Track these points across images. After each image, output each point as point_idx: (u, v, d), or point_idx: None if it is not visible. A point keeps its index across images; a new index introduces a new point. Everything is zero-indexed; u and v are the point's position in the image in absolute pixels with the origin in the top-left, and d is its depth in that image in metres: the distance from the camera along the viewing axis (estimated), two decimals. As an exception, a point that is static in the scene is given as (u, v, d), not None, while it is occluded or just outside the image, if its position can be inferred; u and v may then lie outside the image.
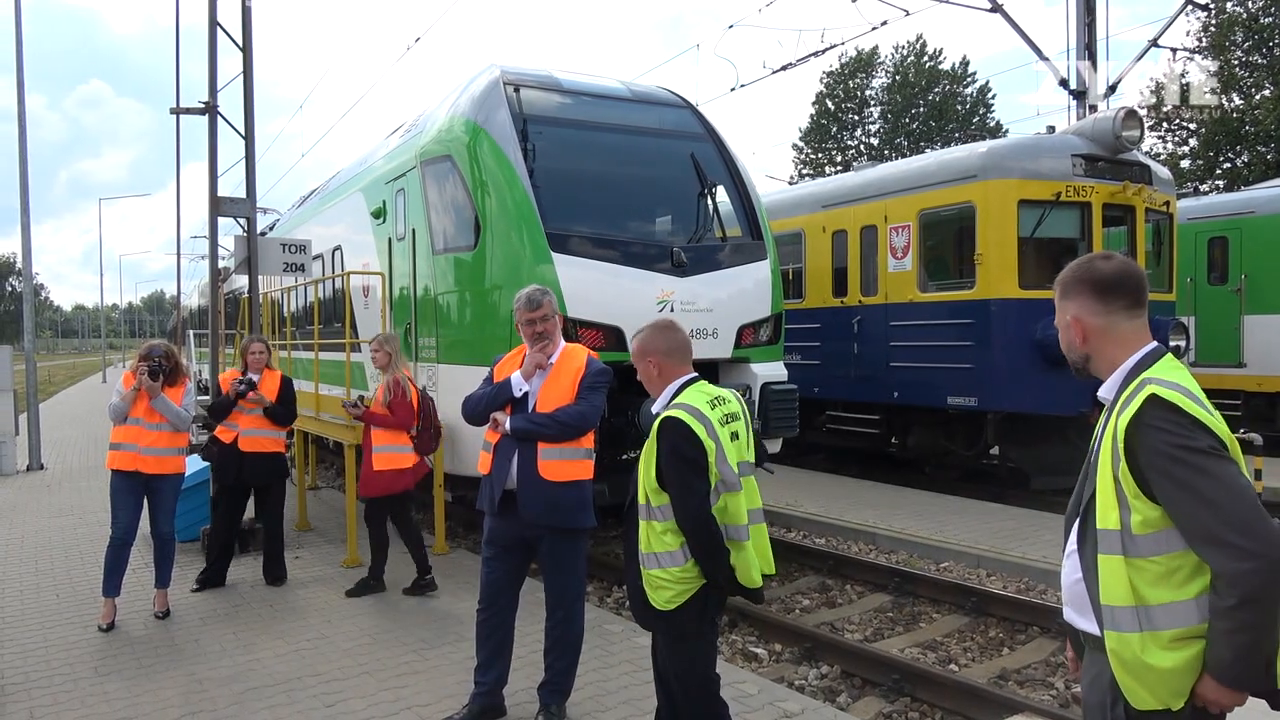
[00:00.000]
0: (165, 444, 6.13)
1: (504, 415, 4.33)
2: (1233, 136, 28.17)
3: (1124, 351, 2.23)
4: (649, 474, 3.24)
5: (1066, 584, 2.27)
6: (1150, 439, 2.01)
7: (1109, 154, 10.32)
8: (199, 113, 8.43)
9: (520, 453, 4.27)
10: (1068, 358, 2.36)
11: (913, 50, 43.17)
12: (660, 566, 3.23)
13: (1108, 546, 2.09)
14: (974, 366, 10.28)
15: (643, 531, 3.27)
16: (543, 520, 4.26)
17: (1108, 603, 2.08)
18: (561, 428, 4.25)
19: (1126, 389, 2.15)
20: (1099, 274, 2.27)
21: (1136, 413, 2.04)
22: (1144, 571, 2.04)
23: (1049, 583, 7.26)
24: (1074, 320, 2.28)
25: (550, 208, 7.72)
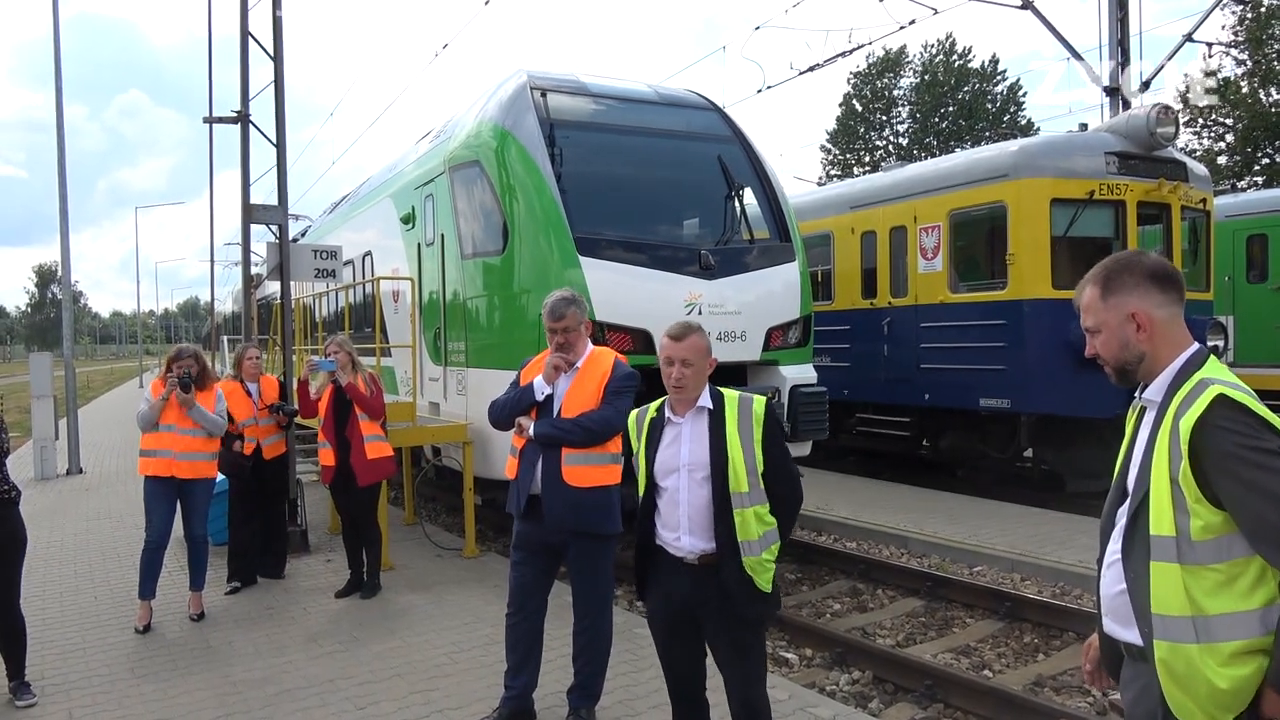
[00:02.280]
0: (199, 449, 6.21)
1: (529, 420, 4.34)
2: (1271, 131, 27.64)
3: (1174, 351, 2.15)
4: (755, 457, 3.26)
5: (1108, 595, 2.19)
6: (1219, 440, 1.93)
7: (1143, 151, 10.17)
8: (231, 121, 8.55)
9: (544, 458, 4.27)
10: (1115, 358, 2.20)
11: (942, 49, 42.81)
12: (766, 547, 3.29)
13: (1162, 553, 2.01)
14: (1006, 368, 10.15)
15: (744, 521, 3.25)
16: (567, 525, 4.25)
17: (1160, 612, 2.01)
18: (585, 433, 4.24)
19: (1180, 390, 2.07)
20: (1155, 265, 2.19)
21: (1204, 413, 1.95)
22: (1203, 579, 1.97)
23: (1085, 587, 7.15)
24: (1137, 314, 2.14)
25: (578, 212, 7.74)
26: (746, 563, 3.24)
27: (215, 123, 8.79)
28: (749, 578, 3.25)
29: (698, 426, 3.34)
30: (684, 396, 3.35)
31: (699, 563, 3.30)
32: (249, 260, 9.06)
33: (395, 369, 10.35)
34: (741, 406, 3.34)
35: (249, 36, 8.42)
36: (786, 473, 3.37)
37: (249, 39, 8.42)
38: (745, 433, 3.28)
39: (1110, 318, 2.18)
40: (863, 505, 9.92)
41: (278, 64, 8.52)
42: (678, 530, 3.33)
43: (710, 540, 3.28)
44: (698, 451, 3.30)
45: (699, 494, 3.29)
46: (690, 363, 3.30)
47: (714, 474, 3.25)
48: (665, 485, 3.37)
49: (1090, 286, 2.24)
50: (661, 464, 3.37)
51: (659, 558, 3.42)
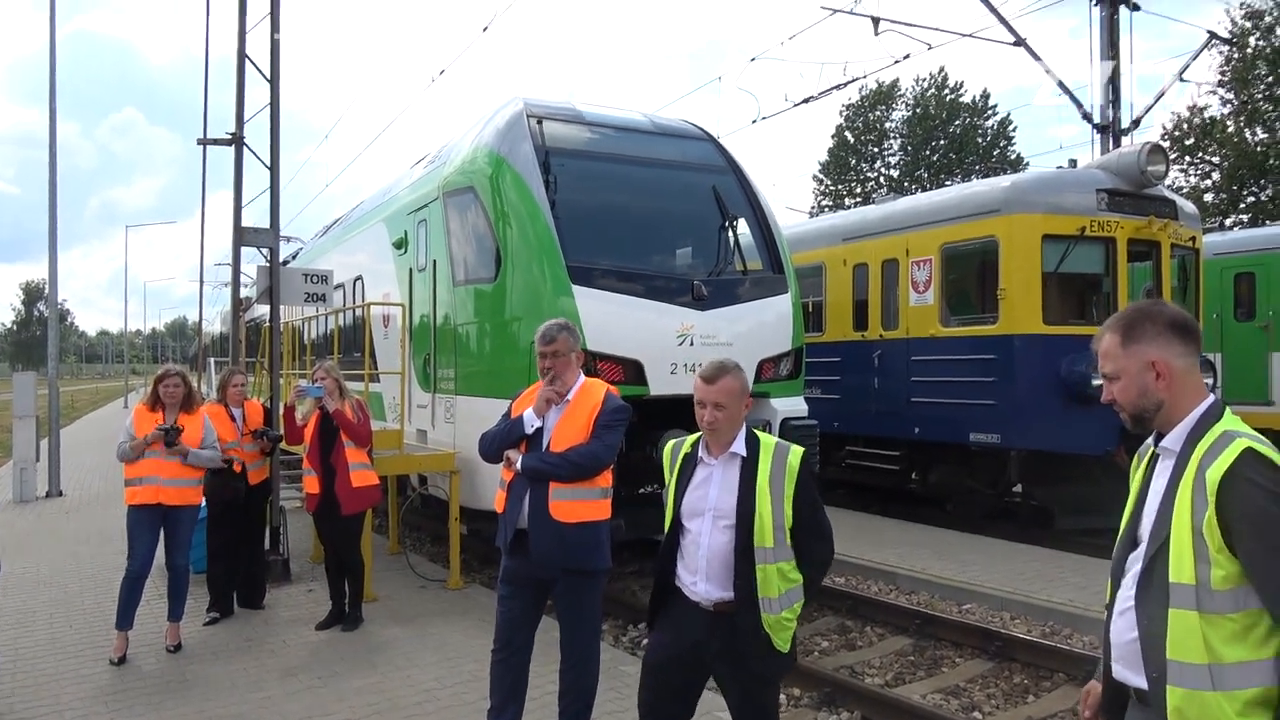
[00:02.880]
0: (187, 474, 6.13)
1: (517, 453, 4.27)
2: (1257, 170, 27.96)
3: (1192, 400, 2.18)
4: (783, 513, 3.15)
5: (1119, 640, 2.20)
6: (1248, 493, 1.96)
7: (1134, 188, 10.23)
8: (225, 143, 8.51)
9: (532, 492, 4.19)
10: (1134, 405, 2.23)
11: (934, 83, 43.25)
12: (787, 605, 3.18)
13: (1181, 601, 2.03)
14: (997, 403, 10.14)
15: (767, 576, 3.13)
16: (555, 561, 4.18)
17: (1176, 658, 2.03)
18: (574, 468, 4.18)
19: (1203, 441, 2.09)
20: (1175, 316, 2.22)
21: (1233, 465, 1.99)
22: (1220, 628, 1.99)
23: (1075, 627, 7.10)
24: (1157, 363, 2.18)
25: (571, 240, 7.72)
26: (765, 620, 3.13)
27: (210, 144, 8.76)
28: (766, 635, 3.14)
29: (729, 472, 3.24)
30: (716, 439, 3.26)
31: (715, 609, 3.20)
32: (239, 283, 8.99)
33: (384, 395, 10.27)
34: (776, 456, 3.22)
35: (246, 59, 8.41)
36: (818, 529, 3.25)
37: (246, 61, 8.41)
38: (777, 485, 3.17)
39: (1130, 365, 2.21)
40: (851, 539, 9.85)
41: (274, 87, 8.51)
42: (696, 575, 3.23)
43: (727, 590, 3.17)
44: (725, 498, 3.20)
45: (721, 542, 3.18)
46: (723, 405, 3.20)
47: (739, 524, 3.15)
48: (690, 527, 3.27)
49: (1110, 333, 2.26)
50: (689, 505, 3.27)
51: (675, 598, 3.32)
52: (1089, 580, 8.04)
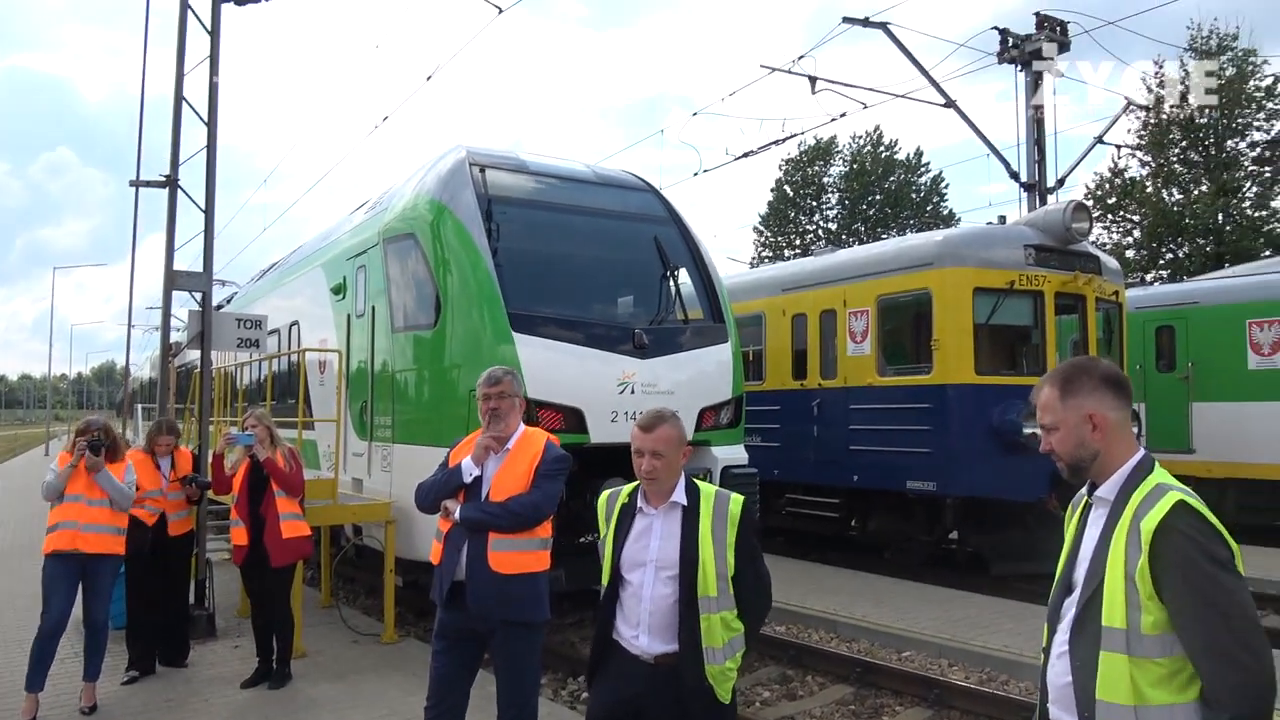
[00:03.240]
0: (106, 521, 5.89)
1: (455, 503, 4.19)
2: (1174, 229, 29.27)
3: (1126, 453, 2.28)
4: (726, 561, 3.13)
5: (1056, 684, 2.27)
6: (1178, 544, 2.05)
7: (1060, 244, 10.61)
8: (159, 185, 8.35)
9: (470, 543, 4.11)
10: (1071, 455, 2.32)
11: (870, 140, 44.54)
12: (730, 655, 3.14)
13: (1112, 644, 2.11)
14: (932, 451, 10.31)
15: (711, 626, 3.10)
16: (493, 614, 4.09)
17: (1105, 698, 2.10)
18: (514, 518, 4.11)
19: (1137, 492, 2.19)
20: (1110, 372, 2.33)
21: (1166, 516, 2.08)
22: (1148, 671, 2.07)
23: (1011, 673, 7.17)
24: (1093, 415, 2.28)
25: (513, 288, 7.71)
26: (709, 671, 3.10)
27: (142, 186, 8.58)
28: (709, 687, 3.10)
29: (670, 522, 3.21)
30: (655, 489, 3.24)
31: (656, 663, 3.15)
32: (168, 327, 8.77)
33: (318, 443, 10.05)
34: (717, 505, 3.21)
35: (183, 101, 8.30)
36: (757, 577, 3.25)
37: (183, 103, 8.30)
38: (719, 534, 3.16)
39: (1068, 417, 2.31)
40: (791, 586, 9.85)
41: (211, 130, 8.40)
42: (637, 628, 3.18)
43: (669, 642, 3.13)
44: (667, 549, 3.17)
45: (664, 593, 3.15)
46: (661, 454, 3.19)
47: (682, 575, 3.12)
48: (630, 579, 3.22)
49: (1049, 387, 2.36)
50: (629, 556, 3.23)
51: (614, 653, 3.26)
52: (1023, 626, 8.15)
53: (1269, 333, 12.67)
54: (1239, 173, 28.46)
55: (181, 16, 8.44)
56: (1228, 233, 28.07)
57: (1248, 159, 28.58)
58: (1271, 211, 28.15)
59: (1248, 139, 28.39)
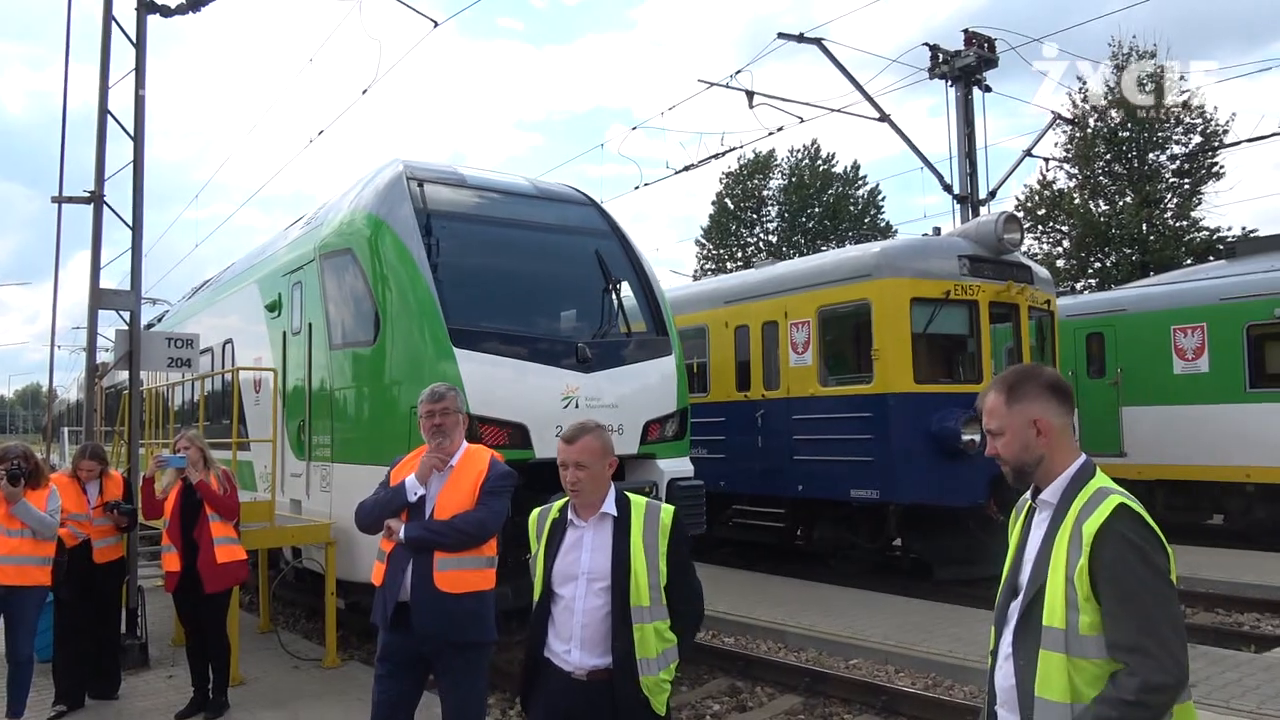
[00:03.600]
0: (28, 552, 5.65)
1: (399, 522, 4.11)
2: (1101, 239, 30.21)
3: (1068, 457, 2.33)
4: (659, 570, 3.12)
5: (1003, 686, 2.30)
6: (1118, 547, 2.11)
7: (992, 255, 10.87)
8: (84, 202, 8.07)
9: (415, 562, 4.03)
10: (1016, 459, 2.36)
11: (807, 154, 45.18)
12: (665, 666, 3.14)
13: (1051, 643, 2.15)
14: (874, 459, 10.44)
15: (644, 636, 3.09)
16: (439, 635, 4.01)
17: (1043, 696, 2.14)
18: (460, 536, 4.05)
19: (1079, 496, 2.24)
20: (1053, 379, 2.39)
21: (1107, 519, 2.13)
22: (1084, 671, 2.12)
23: (955, 678, 7.27)
24: (1039, 421, 2.33)
25: (453, 303, 7.61)
26: (644, 682, 3.08)
27: (66, 202, 8.29)
28: (645, 699, 3.08)
29: (600, 534, 3.20)
30: (583, 500, 3.22)
31: (588, 679, 3.12)
32: (94, 347, 8.46)
33: (254, 464, 9.79)
34: (648, 515, 3.22)
35: (108, 114, 8.05)
36: (689, 587, 3.26)
37: (108, 116, 8.05)
38: (650, 543, 3.16)
39: (1014, 422, 2.36)
40: (740, 598, 9.88)
41: (138, 144, 8.17)
42: (569, 643, 3.15)
43: (602, 656, 3.11)
44: (599, 560, 3.16)
45: (596, 605, 3.13)
46: (585, 465, 3.18)
47: (615, 585, 3.11)
48: (561, 593, 3.19)
49: (994, 393, 2.41)
50: (560, 570, 3.20)
51: (547, 670, 3.22)
52: (966, 631, 8.28)
53: (1192, 338, 13.13)
54: (1160, 184, 29.52)
55: (105, 27, 8.21)
56: (1151, 242, 29.07)
57: (1169, 171, 29.68)
58: (1192, 222, 29.24)
59: (1168, 152, 29.48)
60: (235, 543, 6.39)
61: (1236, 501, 13.03)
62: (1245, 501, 12.88)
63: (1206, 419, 12.79)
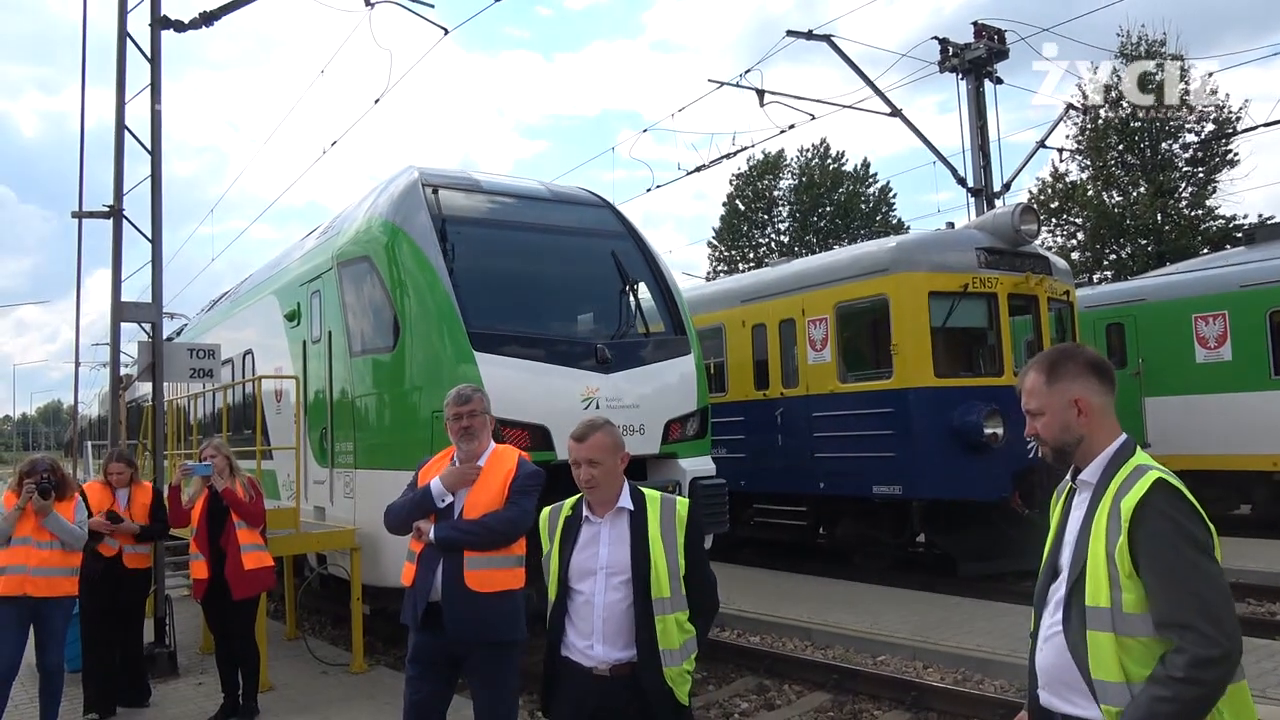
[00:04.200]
0: (57, 563, 5.69)
1: (428, 523, 4.11)
2: (1115, 230, 30.00)
3: (1108, 437, 2.31)
4: (678, 561, 3.13)
5: (1047, 666, 2.28)
6: (1156, 522, 2.09)
7: (1010, 247, 10.81)
8: (103, 216, 8.14)
9: (445, 562, 4.03)
10: (1056, 439, 2.34)
11: (817, 153, 45.10)
12: (686, 657, 3.14)
13: (1098, 623, 2.13)
14: (896, 455, 10.39)
15: (666, 628, 3.09)
16: (470, 635, 4.00)
17: (1099, 677, 2.12)
18: (490, 534, 4.05)
19: (1118, 474, 2.22)
20: (1094, 357, 2.36)
21: (1145, 494, 2.11)
22: (1131, 650, 2.09)
23: (986, 672, 7.21)
24: (1079, 400, 2.31)
25: (472, 307, 7.63)
26: (668, 673, 3.08)
27: (86, 217, 8.36)
28: (669, 690, 3.08)
29: (618, 528, 3.20)
30: (597, 497, 3.23)
31: (610, 674, 3.11)
32: (118, 360, 8.53)
33: (277, 472, 9.84)
34: (665, 508, 3.23)
35: (125, 130, 8.12)
36: (705, 578, 3.27)
37: (125, 132, 8.12)
38: (669, 535, 3.16)
39: (1054, 402, 2.33)
40: (763, 597, 9.84)
41: (155, 158, 8.24)
42: (590, 638, 3.14)
43: (624, 649, 3.11)
44: (618, 554, 3.16)
45: (616, 599, 3.12)
46: (597, 462, 3.18)
47: (635, 578, 3.11)
48: (580, 589, 3.18)
49: (1034, 372, 2.38)
50: (577, 566, 3.19)
51: (568, 668, 3.21)
52: (995, 625, 8.22)
53: (1214, 326, 13.00)
54: (1174, 173, 29.29)
55: (120, 44, 8.29)
56: (1167, 232, 28.85)
57: (1182, 160, 29.46)
58: (1207, 210, 29.01)
59: (1180, 140, 29.26)
60: (262, 549, 6.42)
61: (1264, 490, 12.88)
62: (1273, 490, 12.73)
63: (1231, 408, 12.65)
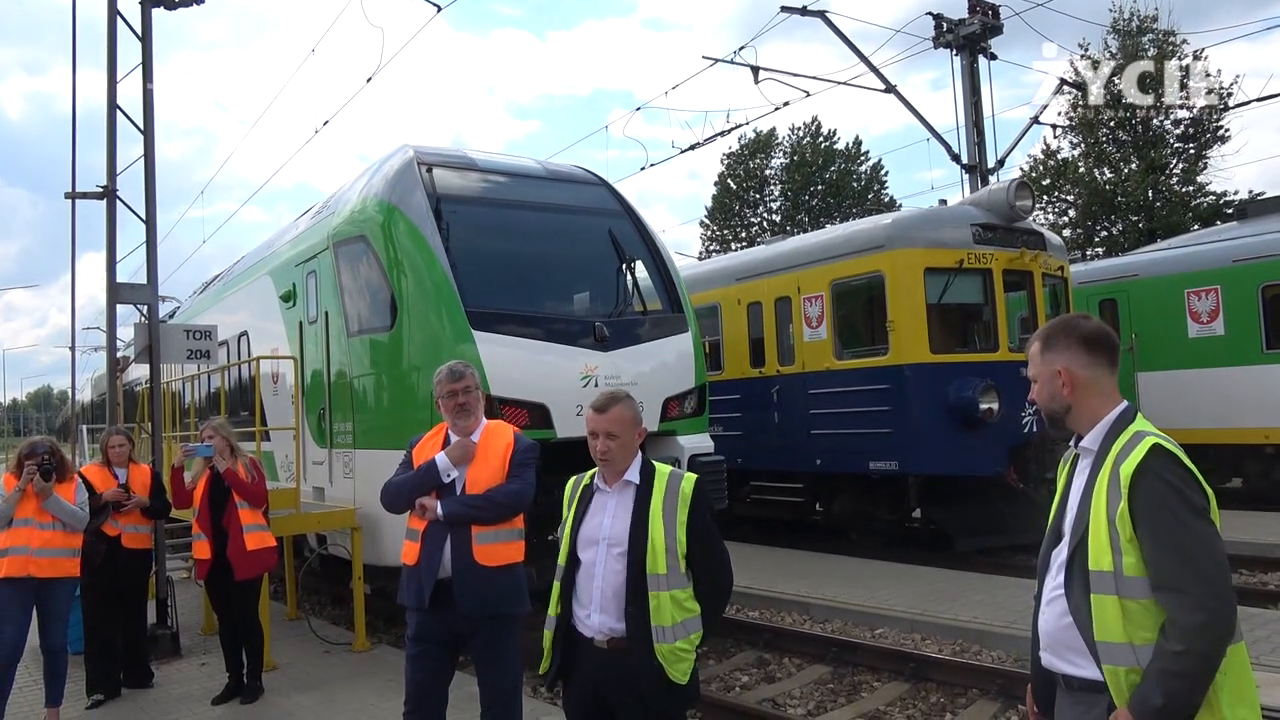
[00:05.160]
0: (60, 544, 5.69)
1: (432, 500, 4.10)
2: (1107, 207, 30.04)
3: (1106, 404, 2.37)
4: (676, 538, 3.12)
5: (1050, 628, 2.33)
6: (1153, 486, 2.14)
7: (1005, 223, 10.82)
8: (97, 197, 8.09)
9: (453, 538, 4.03)
10: (1046, 406, 2.43)
11: (808, 132, 44.97)
12: (683, 635, 3.12)
13: (1101, 587, 2.18)
14: (893, 431, 10.44)
15: (661, 604, 3.08)
16: (480, 609, 4.02)
17: (1102, 639, 2.17)
18: (498, 509, 4.06)
19: (1118, 440, 2.28)
20: (1086, 330, 2.42)
21: (1143, 460, 2.17)
22: (1133, 613, 2.14)
23: (983, 643, 7.29)
24: (1062, 371, 2.38)
25: (470, 286, 7.61)
26: (658, 649, 3.07)
27: (79, 198, 8.31)
28: (659, 666, 3.08)
29: (623, 500, 3.22)
30: (610, 469, 3.25)
31: (608, 646, 3.14)
32: (114, 341, 8.50)
33: (275, 454, 9.83)
34: (670, 483, 3.23)
35: (117, 109, 8.05)
36: (714, 556, 3.23)
37: (117, 111, 8.05)
38: (669, 511, 3.16)
39: (1044, 371, 2.43)
40: (761, 573, 9.91)
41: (148, 138, 8.17)
42: (589, 607, 3.17)
43: (618, 620, 3.12)
44: (618, 526, 3.18)
45: (614, 570, 3.14)
46: (615, 435, 3.20)
47: (631, 551, 3.12)
48: (583, 558, 3.22)
49: (1036, 341, 2.48)
50: (584, 535, 3.23)
51: (573, 638, 3.24)
52: (991, 597, 8.30)
53: (1206, 301, 13.07)
54: (1166, 150, 29.30)
55: (110, 22, 8.20)
56: (1158, 209, 28.89)
57: (1173, 136, 29.45)
58: (1198, 187, 29.05)
59: (1172, 116, 29.24)
60: (264, 529, 6.43)
61: (1255, 464, 12.99)
62: (1264, 464, 12.85)
63: (1223, 381, 12.74)
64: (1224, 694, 2.09)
